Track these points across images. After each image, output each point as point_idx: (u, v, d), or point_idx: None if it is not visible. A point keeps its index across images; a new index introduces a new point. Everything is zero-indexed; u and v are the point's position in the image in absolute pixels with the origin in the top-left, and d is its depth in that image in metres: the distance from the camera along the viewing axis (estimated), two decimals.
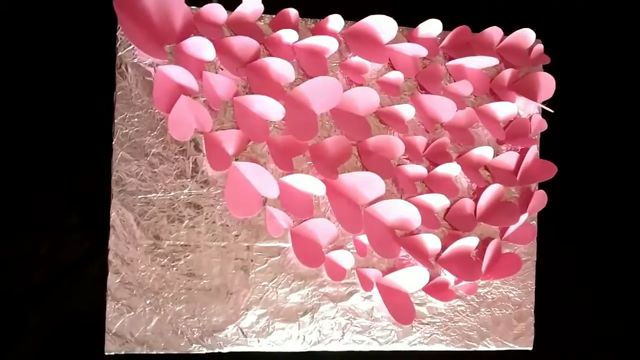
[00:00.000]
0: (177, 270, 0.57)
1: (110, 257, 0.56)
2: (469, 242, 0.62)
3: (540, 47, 0.67)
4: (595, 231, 0.75)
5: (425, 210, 0.61)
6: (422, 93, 0.63)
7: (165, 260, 0.57)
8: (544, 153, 0.67)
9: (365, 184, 0.59)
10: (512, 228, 0.64)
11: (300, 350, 0.60)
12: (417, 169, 0.62)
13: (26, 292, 0.60)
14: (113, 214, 0.56)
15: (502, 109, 0.65)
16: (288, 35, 0.59)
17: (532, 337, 0.65)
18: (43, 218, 0.61)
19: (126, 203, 0.56)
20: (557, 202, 0.66)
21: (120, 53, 0.56)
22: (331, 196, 0.59)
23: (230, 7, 0.58)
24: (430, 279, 0.61)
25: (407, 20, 0.63)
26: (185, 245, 0.57)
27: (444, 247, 0.62)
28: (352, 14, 0.61)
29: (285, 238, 0.59)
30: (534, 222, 0.66)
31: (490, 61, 0.64)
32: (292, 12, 0.60)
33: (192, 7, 0.57)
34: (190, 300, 0.57)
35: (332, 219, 0.60)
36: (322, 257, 0.59)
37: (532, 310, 0.66)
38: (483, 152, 0.64)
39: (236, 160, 0.57)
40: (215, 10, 0.57)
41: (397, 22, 0.61)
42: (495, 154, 0.65)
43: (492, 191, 0.64)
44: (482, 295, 0.64)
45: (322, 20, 0.61)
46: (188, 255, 0.57)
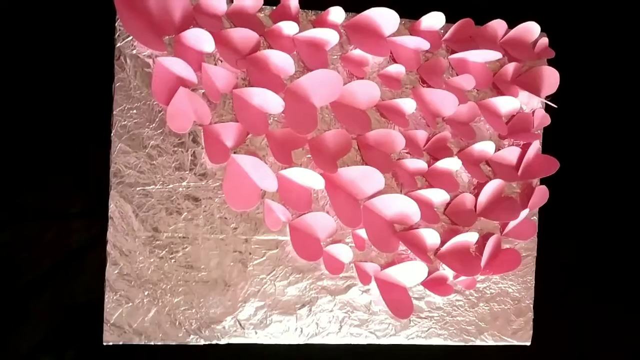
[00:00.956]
0: (175, 262, 0.57)
1: (108, 248, 0.56)
2: (469, 237, 0.62)
3: (544, 40, 0.66)
4: (597, 228, 0.74)
5: (424, 204, 0.61)
6: (423, 87, 0.63)
7: (164, 252, 0.57)
8: (546, 148, 0.66)
9: (365, 178, 0.59)
10: (512, 223, 0.64)
11: (297, 343, 0.60)
12: (417, 164, 0.62)
13: (25, 282, 0.61)
14: (112, 206, 0.56)
15: (505, 104, 0.64)
16: (288, 27, 0.58)
17: (531, 332, 0.65)
18: (42, 209, 0.61)
19: (125, 195, 0.56)
20: (558, 198, 0.65)
21: (119, 44, 0.56)
22: (330, 190, 0.59)
23: None
24: (429, 273, 0.61)
25: (410, 12, 0.62)
26: (183, 238, 0.57)
27: (443, 242, 0.62)
28: (353, 6, 0.61)
29: (283, 231, 0.59)
30: (535, 218, 0.66)
31: (494, 55, 0.63)
32: (293, 3, 0.59)
33: None
34: (188, 292, 0.57)
35: (330, 213, 0.59)
36: (321, 250, 0.59)
37: (531, 305, 0.65)
38: (484, 147, 0.63)
39: (235, 153, 0.57)
40: (215, 2, 0.57)
41: (400, 15, 0.61)
42: (497, 149, 0.64)
43: (492, 186, 0.63)
44: (480, 290, 0.64)
45: (323, 12, 0.60)
46: (186, 248, 0.57)
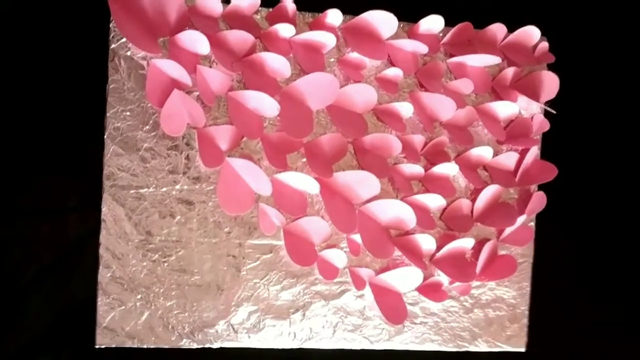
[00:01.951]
0: (168, 265, 0.57)
1: (101, 251, 0.56)
2: (465, 243, 0.62)
3: (545, 45, 0.65)
4: (594, 234, 0.74)
5: (420, 210, 0.61)
6: (421, 90, 0.62)
7: (157, 255, 0.57)
8: (544, 154, 0.65)
9: (360, 182, 0.58)
10: (509, 229, 0.64)
11: (290, 347, 0.60)
12: (413, 168, 0.61)
13: (17, 283, 0.60)
14: (104, 209, 0.56)
15: (504, 108, 0.64)
16: (285, 30, 0.58)
17: (525, 338, 0.65)
18: (35, 209, 0.61)
19: (117, 198, 0.56)
20: (556, 204, 0.65)
21: (113, 45, 0.56)
22: (325, 194, 0.59)
23: (226, 0, 0.57)
24: (424, 279, 0.61)
25: (409, 15, 0.62)
26: (176, 241, 0.57)
27: (439, 248, 0.61)
28: (351, 9, 0.60)
29: (277, 236, 0.58)
30: (532, 224, 0.65)
31: (493, 59, 0.62)
32: (290, 5, 0.58)
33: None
34: (181, 295, 0.57)
35: (325, 218, 0.59)
36: (315, 255, 0.59)
37: (527, 312, 0.65)
38: (482, 152, 0.63)
39: (229, 156, 0.57)
40: (211, 4, 0.56)
41: (398, 18, 0.60)
42: (495, 154, 0.64)
43: (490, 192, 0.63)
44: (475, 296, 0.64)
45: (320, 14, 0.59)
46: (179, 251, 0.57)
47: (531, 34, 0.64)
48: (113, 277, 0.56)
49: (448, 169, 0.62)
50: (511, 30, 0.64)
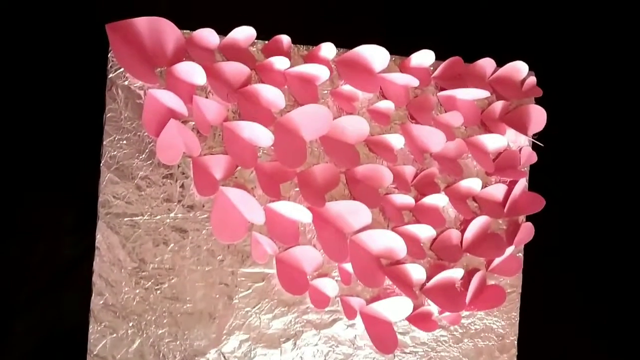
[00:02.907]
0: (160, 293, 0.57)
1: (94, 278, 0.56)
2: (454, 273, 0.62)
3: (532, 79, 0.67)
4: (582, 265, 0.75)
5: (411, 240, 0.61)
6: (412, 122, 0.63)
7: (150, 283, 0.57)
8: (532, 186, 0.67)
9: (352, 212, 0.59)
10: (498, 260, 0.64)
11: None
12: (404, 199, 0.62)
13: (8, 307, 0.60)
14: (98, 236, 0.56)
15: (492, 141, 0.65)
16: (280, 62, 0.59)
17: None
18: (30, 233, 0.61)
19: (112, 225, 0.56)
20: (544, 235, 0.66)
21: (111, 75, 0.57)
22: (317, 224, 0.59)
23: (222, 32, 0.58)
24: (414, 308, 0.61)
25: (400, 49, 0.63)
26: (169, 269, 0.57)
27: (429, 277, 0.62)
28: (345, 42, 0.61)
29: (270, 264, 0.59)
30: (520, 254, 0.66)
31: (482, 93, 0.64)
32: (285, 39, 0.60)
33: (184, 31, 0.57)
34: (173, 323, 0.57)
35: (317, 247, 0.60)
36: (307, 284, 0.59)
37: (515, 342, 0.66)
38: (471, 184, 0.64)
39: (223, 185, 0.57)
40: (207, 36, 0.57)
41: (390, 52, 0.61)
42: (484, 186, 0.65)
43: (479, 223, 0.64)
44: (465, 326, 0.64)
45: (314, 47, 0.61)
46: (172, 279, 0.57)
47: (519, 68, 0.66)
48: (105, 305, 0.56)
49: (438, 199, 0.63)
50: (500, 64, 0.66)
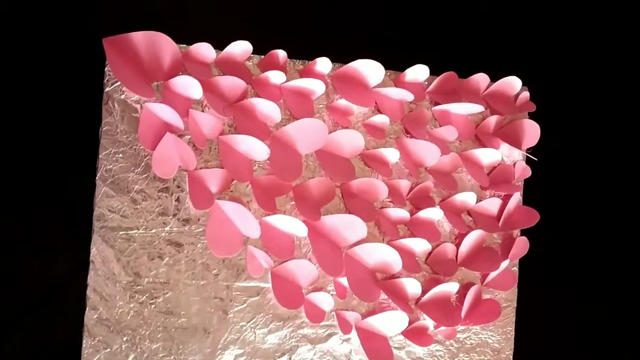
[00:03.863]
0: (155, 307, 0.57)
1: (88, 292, 0.56)
2: (450, 287, 0.62)
3: (526, 94, 0.67)
4: (577, 279, 0.75)
5: (406, 254, 0.62)
6: (407, 137, 0.64)
7: (144, 297, 0.56)
8: (527, 200, 0.67)
9: (348, 226, 0.59)
10: (493, 274, 0.65)
11: None
12: (399, 213, 0.62)
13: (2, 321, 0.60)
14: (93, 250, 0.56)
15: (487, 155, 0.65)
16: (276, 77, 0.59)
17: None
18: (24, 248, 0.61)
19: (107, 239, 0.56)
20: (538, 249, 0.66)
21: (107, 89, 0.57)
22: (313, 238, 0.59)
23: (219, 47, 0.59)
24: (410, 323, 0.61)
25: (395, 64, 0.64)
26: (164, 283, 0.57)
27: (424, 292, 0.62)
28: (340, 57, 0.62)
29: (265, 278, 0.59)
30: (515, 269, 0.66)
31: (476, 108, 0.64)
32: (281, 53, 0.60)
33: (180, 46, 0.57)
34: (168, 338, 0.57)
35: (313, 261, 0.60)
36: (302, 299, 0.59)
37: (511, 356, 0.65)
38: (466, 198, 0.64)
39: (219, 199, 0.57)
40: (204, 50, 0.58)
41: (385, 67, 0.62)
42: (479, 200, 0.65)
43: (474, 237, 0.64)
44: (461, 341, 0.64)
45: (310, 62, 0.61)
46: (167, 293, 0.57)
47: (513, 84, 0.66)
48: (99, 319, 0.56)
49: (433, 213, 0.63)
50: (494, 79, 0.66)
